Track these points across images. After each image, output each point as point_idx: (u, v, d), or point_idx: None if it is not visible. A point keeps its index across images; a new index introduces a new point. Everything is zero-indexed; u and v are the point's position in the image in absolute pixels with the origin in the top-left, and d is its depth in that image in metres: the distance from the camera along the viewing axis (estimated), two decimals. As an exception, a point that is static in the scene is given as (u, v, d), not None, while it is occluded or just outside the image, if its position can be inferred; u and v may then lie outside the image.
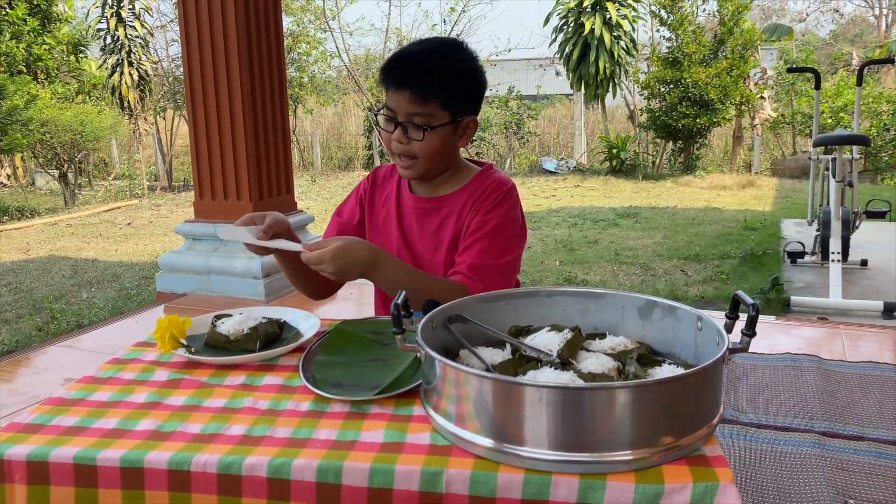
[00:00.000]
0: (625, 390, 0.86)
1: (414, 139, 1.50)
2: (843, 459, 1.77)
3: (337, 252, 1.35)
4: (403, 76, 1.47)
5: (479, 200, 1.57)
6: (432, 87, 1.47)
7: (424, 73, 1.47)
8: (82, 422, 1.04)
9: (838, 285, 4.30)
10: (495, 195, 1.57)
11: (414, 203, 1.64)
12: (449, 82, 1.49)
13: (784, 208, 8.45)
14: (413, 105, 1.47)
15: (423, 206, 1.63)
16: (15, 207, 10.39)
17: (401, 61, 1.51)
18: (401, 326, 1.03)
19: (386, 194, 1.70)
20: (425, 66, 1.49)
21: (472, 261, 1.52)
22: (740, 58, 11.34)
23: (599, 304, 1.22)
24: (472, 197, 1.58)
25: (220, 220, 3.54)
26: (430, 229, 1.62)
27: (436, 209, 1.61)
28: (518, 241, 1.59)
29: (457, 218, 1.59)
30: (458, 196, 1.60)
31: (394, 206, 1.67)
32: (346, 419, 1.03)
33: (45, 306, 4.88)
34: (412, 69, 1.48)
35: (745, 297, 1.02)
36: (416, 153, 1.52)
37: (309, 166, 15.14)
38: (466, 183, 1.62)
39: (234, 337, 1.29)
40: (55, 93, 12.64)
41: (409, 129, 1.50)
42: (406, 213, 1.65)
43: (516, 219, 1.59)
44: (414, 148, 1.51)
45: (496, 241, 1.53)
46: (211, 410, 1.07)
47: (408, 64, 1.50)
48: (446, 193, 1.62)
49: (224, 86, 3.41)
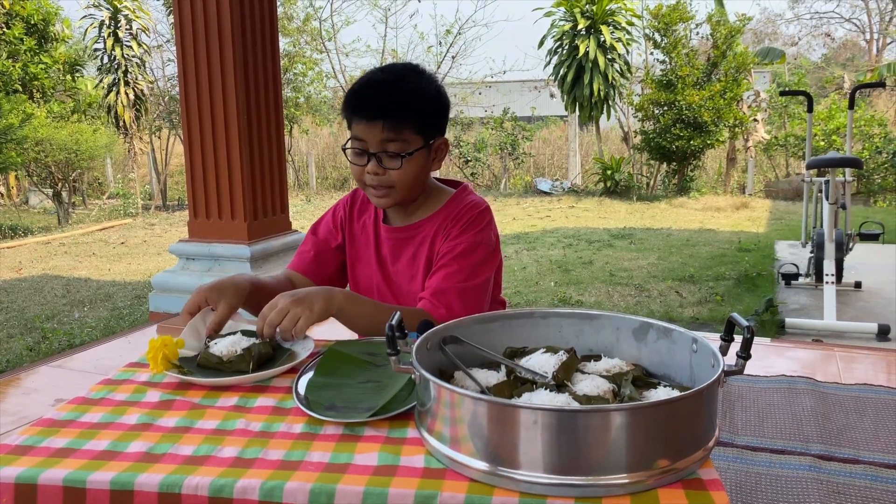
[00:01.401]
0: (620, 413, 0.86)
1: (390, 168, 1.47)
2: (838, 483, 1.76)
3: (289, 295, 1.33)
4: (374, 106, 1.45)
5: (449, 225, 1.56)
6: (404, 113, 1.45)
7: (395, 101, 1.45)
8: (73, 443, 1.03)
9: (832, 307, 4.31)
10: (466, 218, 1.55)
11: (389, 234, 1.62)
12: (419, 106, 1.48)
13: (778, 230, 8.48)
14: (386, 133, 1.44)
15: (398, 235, 1.61)
16: (8, 226, 10.36)
17: (368, 91, 1.48)
18: (395, 348, 1.02)
19: (363, 221, 1.68)
20: (394, 94, 1.46)
21: (437, 285, 1.49)
22: (733, 80, 11.45)
23: (595, 326, 1.22)
24: (444, 223, 1.57)
25: (215, 239, 3.53)
26: (406, 259, 1.61)
27: (410, 237, 1.60)
28: (489, 263, 1.55)
29: (430, 244, 1.57)
30: (431, 222, 1.59)
31: (371, 236, 1.65)
32: (339, 441, 1.02)
33: (37, 326, 4.85)
34: (382, 98, 1.45)
35: (740, 319, 1.02)
36: (392, 183, 1.49)
37: (304, 186, 15.16)
38: (440, 208, 1.60)
39: (227, 358, 1.28)
40: (51, 111, 12.66)
41: (383, 160, 1.47)
42: (382, 244, 1.64)
43: (488, 241, 1.56)
44: (391, 178, 1.48)
45: (464, 264, 1.51)
46: (203, 432, 1.06)
47: (376, 93, 1.47)
48: (420, 219, 1.60)
49: (220, 105, 3.42)
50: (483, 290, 1.54)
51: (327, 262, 1.70)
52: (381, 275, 1.64)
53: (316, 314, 1.33)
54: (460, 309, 1.45)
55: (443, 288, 1.49)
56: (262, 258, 3.53)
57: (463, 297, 1.49)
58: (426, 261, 1.58)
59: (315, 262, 1.69)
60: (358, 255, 1.68)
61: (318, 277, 1.68)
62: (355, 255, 1.68)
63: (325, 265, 1.70)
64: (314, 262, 1.69)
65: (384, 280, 1.64)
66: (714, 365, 1.01)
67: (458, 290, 1.49)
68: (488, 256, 1.55)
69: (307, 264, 1.69)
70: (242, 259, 3.47)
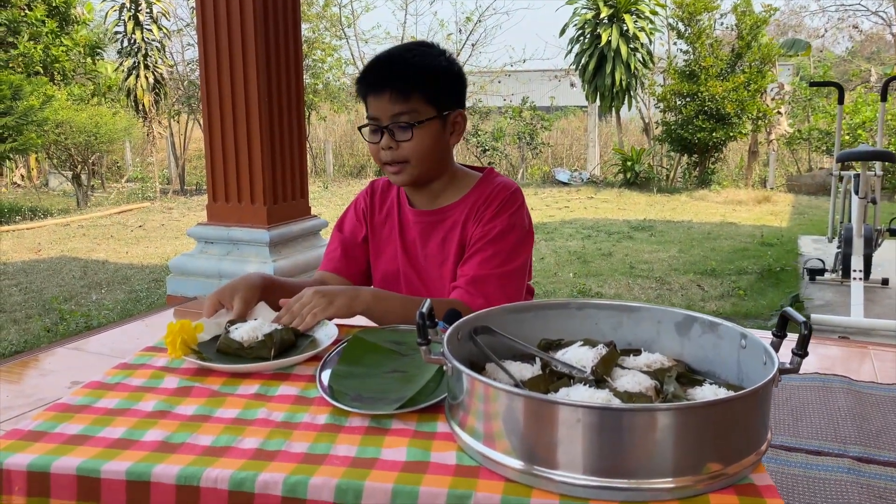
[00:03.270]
0: (669, 413, 0.80)
1: (402, 140, 1.44)
2: (879, 487, 1.68)
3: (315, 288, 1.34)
4: (381, 78, 1.43)
5: (481, 208, 1.51)
6: (412, 82, 1.42)
7: (402, 71, 1.43)
8: (87, 430, 0.99)
9: (860, 304, 4.21)
10: (498, 200, 1.51)
11: (415, 217, 1.57)
12: (429, 76, 1.45)
13: (801, 224, 8.35)
14: (395, 104, 1.42)
15: (425, 219, 1.56)
16: (28, 208, 10.42)
17: (375, 65, 1.47)
18: (426, 337, 0.97)
19: (386, 209, 1.63)
20: (401, 64, 1.45)
21: (473, 273, 1.45)
22: (758, 72, 11.27)
23: (634, 319, 1.16)
24: (476, 205, 1.52)
25: (234, 223, 3.49)
26: (435, 243, 1.55)
27: (439, 221, 1.55)
28: (524, 246, 1.52)
29: (461, 229, 1.53)
30: (460, 206, 1.54)
31: (395, 222, 1.60)
32: (365, 434, 0.97)
33: (55, 307, 4.85)
34: (388, 69, 1.44)
35: (795, 314, 0.96)
36: (406, 156, 1.45)
37: (321, 173, 15.14)
38: (468, 192, 1.55)
39: (247, 344, 1.23)
40: (71, 94, 12.69)
41: (395, 132, 1.44)
42: (408, 228, 1.59)
43: (521, 223, 1.52)
44: (404, 151, 1.44)
45: (499, 248, 1.47)
46: (223, 421, 1.01)
47: (383, 65, 1.46)
48: (448, 204, 1.55)
49: (241, 88, 3.37)
50: (521, 275, 1.51)
51: (357, 257, 1.65)
52: (408, 260, 1.59)
53: (334, 308, 1.32)
54: (499, 296, 1.41)
55: (479, 275, 1.45)
56: (280, 243, 3.48)
57: (501, 284, 1.45)
58: (458, 245, 1.52)
59: (344, 259, 1.65)
60: (381, 242, 1.63)
61: (350, 273, 1.64)
62: (378, 243, 1.64)
63: (356, 261, 1.65)
64: (343, 259, 1.65)
65: (410, 265, 1.59)
66: (766, 363, 0.95)
67: (495, 277, 1.45)
68: (523, 238, 1.51)
69: (337, 262, 1.65)
70: (261, 244, 3.43)
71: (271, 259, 3.38)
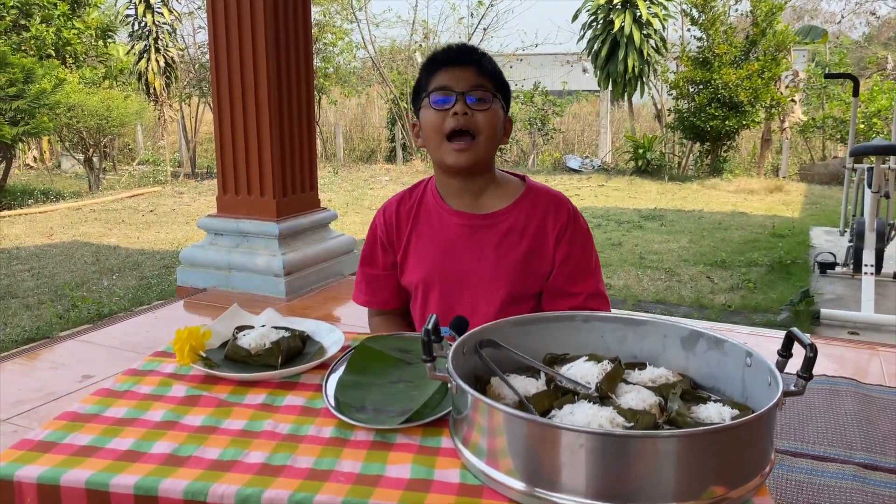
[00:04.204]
0: (672, 440, 0.80)
1: (478, 110, 1.45)
2: (884, 495, 1.68)
3: None
4: (467, 54, 1.49)
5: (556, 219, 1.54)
6: (489, 68, 1.49)
7: (483, 57, 1.50)
8: (96, 441, 1.00)
9: (870, 299, 4.19)
10: (566, 210, 1.55)
11: (461, 220, 1.54)
12: (500, 74, 1.52)
13: (813, 215, 8.29)
14: (478, 77, 1.46)
15: (474, 222, 1.54)
16: (40, 190, 10.47)
17: (459, 48, 1.52)
18: (431, 354, 0.97)
19: (414, 217, 1.60)
20: (481, 53, 1.51)
21: (591, 288, 1.54)
22: (772, 60, 11.13)
23: (640, 332, 1.16)
24: (537, 217, 1.53)
25: (243, 215, 3.50)
26: (489, 248, 1.53)
27: (489, 226, 1.53)
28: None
29: (519, 236, 1.52)
30: (514, 212, 1.54)
31: (435, 223, 1.57)
32: (370, 449, 0.98)
33: (67, 293, 4.89)
34: (472, 51, 1.50)
35: (801, 335, 0.96)
36: (479, 127, 1.45)
37: (331, 157, 15.12)
38: (518, 198, 1.55)
39: (255, 351, 1.24)
40: (83, 77, 12.71)
41: (472, 102, 1.45)
42: (449, 230, 1.56)
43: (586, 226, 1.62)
44: (478, 120, 1.45)
45: (589, 255, 1.57)
46: (229, 433, 1.03)
47: (465, 48, 1.51)
48: (498, 209, 1.54)
49: (250, 81, 3.36)
50: None
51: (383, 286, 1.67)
52: (447, 262, 1.55)
53: None
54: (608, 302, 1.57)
55: (597, 290, 1.55)
56: (290, 235, 3.49)
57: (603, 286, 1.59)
58: (523, 253, 1.52)
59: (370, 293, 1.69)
60: (416, 251, 1.59)
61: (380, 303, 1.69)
62: (412, 252, 1.60)
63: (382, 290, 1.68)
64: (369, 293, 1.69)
65: (450, 267, 1.55)
66: (771, 383, 0.95)
67: (601, 283, 1.58)
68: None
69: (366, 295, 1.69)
70: (271, 236, 3.43)
71: (280, 252, 3.39)
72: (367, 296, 1.67)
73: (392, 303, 1.68)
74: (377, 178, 11.83)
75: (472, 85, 1.45)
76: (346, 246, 3.80)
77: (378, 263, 1.64)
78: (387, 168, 13.36)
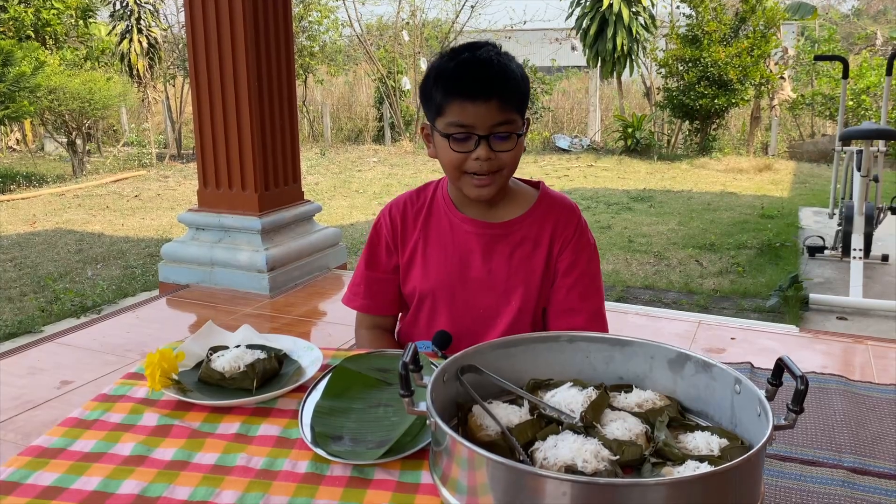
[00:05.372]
0: (660, 487, 0.77)
1: (501, 151, 1.37)
2: (872, 501, 1.65)
3: None
4: (485, 85, 1.33)
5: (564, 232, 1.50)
6: (514, 93, 1.36)
7: (505, 78, 1.35)
8: (61, 480, 0.96)
9: (859, 285, 4.20)
10: (574, 224, 1.51)
11: (475, 228, 1.49)
12: (521, 87, 1.39)
13: (802, 195, 8.29)
14: (500, 113, 1.34)
15: (488, 231, 1.49)
16: (23, 174, 10.33)
17: (473, 69, 1.35)
18: (409, 389, 0.93)
19: (423, 220, 1.54)
20: (504, 71, 1.36)
21: (593, 308, 1.51)
22: (762, 37, 11.06)
23: (626, 353, 1.12)
24: (550, 226, 1.49)
25: (225, 209, 3.44)
26: (501, 258, 1.49)
27: (503, 235, 1.49)
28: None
29: (533, 246, 1.48)
30: (527, 221, 1.49)
31: (447, 230, 1.51)
32: (346, 487, 0.94)
33: (49, 285, 4.82)
34: (492, 75, 1.34)
35: (792, 365, 0.92)
36: (503, 165, 1.39)
37: (319, 138, 14.98)
38: (531, 207, 1.50)
39: (229, 374, 1.20)
40: (63, 59, 12.49)
41: (493, 143, 1.36)
42: (461, 238, 1.50)
43: (593, 242, 1.56)
44: (502, 160, 1.38)
45: (594, 274, 1.53)
46: (201, 469, 0.99)
47: (484, 70, 1.35)
48: (512, 218, 1.49)
49: (230, 73, 3.28)
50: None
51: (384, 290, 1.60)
52: (458, 271, 1.50)
53: None
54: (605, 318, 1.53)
55: (598, 311, 1.52)
56: (273, 230, 3.43)
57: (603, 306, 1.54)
58: (538, 263, 1.49)
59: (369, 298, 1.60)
60: (419, 256, 1.54)
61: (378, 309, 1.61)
62: (417, 258, 1.54)
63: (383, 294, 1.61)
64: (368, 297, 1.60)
65: (460, 276, 1.50)
66: (760, 414, 0.92)
67: (602, 301, 1.54)
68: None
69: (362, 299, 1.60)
70: (253, 231, 3.37)
71: (263, 247, 3.33)
72: (366, 300, 1.58)
73: (390, 309, 1.61)
74: (365, 160, 11.73)
75: (496, 122, 1.34)
76: (331, 239, 3.75)
77: (381, 266, 1.57)
78: (374, 149, 13.25)
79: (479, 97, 1.32)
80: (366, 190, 8.84)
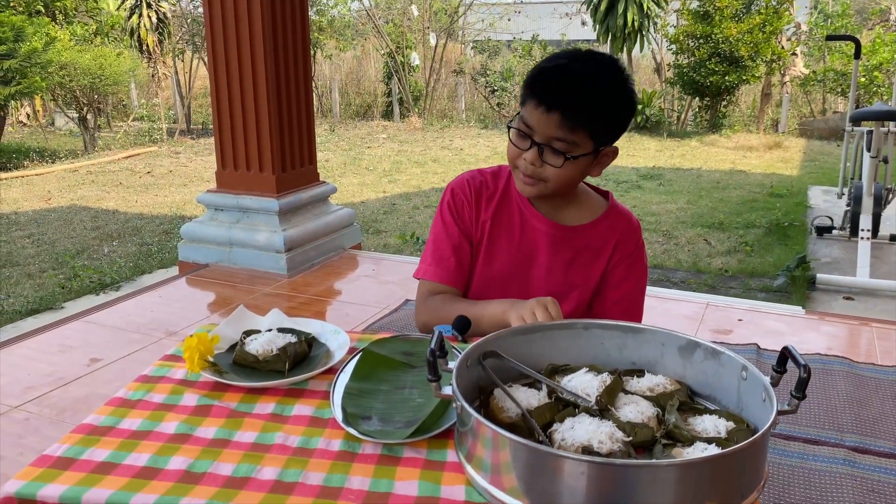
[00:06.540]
0: (671, 468, 0.83)
1: (550, 164, 1.38)
2: (873, 480, 1.73)
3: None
4: (556, 97, 1.33)
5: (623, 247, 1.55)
6: (585, 114, 1.34)
7: (581, 99, 1.33)
8: (113, 456, 1.03)
9: (866, 265, 4.23)
10: (634, 242, 1.56)
11: (546, 227, 1.52)
12: (604, 111, 1.37)
13: (811, 173, 8.28)
14: (559, 129, 1.34)
15: (558, 233, 1.52)
16: (35, 149, 10.40)
17: (557, 80, 1.35)
18: (437, 373, 1.00)
19: (496, 205, 1.55)
20: (584, 91, 1.34)
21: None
22: (774, 13, 10.97)
23: (638, 340, 1.19)
24: (614, 239, 1.54)
25: (243, 191, 3.51)
26: (562, 260, 1.53)
27: (568, 238, 1.53)
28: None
29: (594, 256, 1.53)
30: (593, 231, 1.53)
31: (517, 222, 1.54)
32: (378, 464, 1.01)
33: (68, 261, 4.91)
34: (568, 92, 1.33)
35: (796, 354, 0.99)
36: (547, 178, 1.40)
37: (327, 113, 14.98)
38: (599, 217, 1.54)
39: (262, 357, 1.27)
40: (73, 34, 12.49)
41: (545, 154, 1.37)
42: (530, 234, 1.53)
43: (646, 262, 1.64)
44: (546, 173, 1.40)
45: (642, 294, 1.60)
46: (241, 447, 1.06)
47: (562, 81, 1.34)
48: (580, 224, 1.53)
49: (247, 56, 3.32)
50: None
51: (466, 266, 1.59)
52: (521, 265, 1.53)
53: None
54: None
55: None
56: (290, 211, 3.50)
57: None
58: (593, 273, 1.54)
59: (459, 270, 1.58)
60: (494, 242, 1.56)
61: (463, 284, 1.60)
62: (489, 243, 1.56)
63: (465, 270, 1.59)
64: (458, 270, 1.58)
65: (523, 271, 1.53)
66: (765, 400, 0.98)
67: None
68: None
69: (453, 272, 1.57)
70: (271, 212, 3.44)
71: (281, 228, 3.40)
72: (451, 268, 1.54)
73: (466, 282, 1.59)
74: (374, 136, 11.75)
75: (552, 136, 1.35)
76: (346, 220, 3.81)
77: (458, 235, 1.56)
78: (384, 125, 13.25)
79: (543, 105, 1.34)
80: (376, 167, 8.88)
